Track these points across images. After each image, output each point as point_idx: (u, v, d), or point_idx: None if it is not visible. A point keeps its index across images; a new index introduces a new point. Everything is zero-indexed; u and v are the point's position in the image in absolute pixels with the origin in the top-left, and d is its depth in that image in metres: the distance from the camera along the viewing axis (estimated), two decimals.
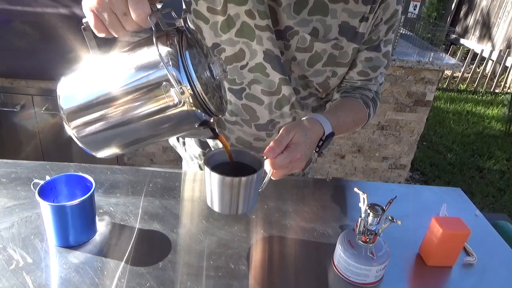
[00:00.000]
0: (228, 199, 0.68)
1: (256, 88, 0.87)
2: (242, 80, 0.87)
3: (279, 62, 0.82)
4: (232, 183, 0.65)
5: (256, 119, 0.92)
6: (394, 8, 0.82)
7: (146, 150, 2.57)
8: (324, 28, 0.79)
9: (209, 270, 0.69)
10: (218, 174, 0.64)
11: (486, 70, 5.45)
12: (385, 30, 0.85)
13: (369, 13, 0.80)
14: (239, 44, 0.82)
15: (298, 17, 0.78)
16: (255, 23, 0.78)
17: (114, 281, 0.64)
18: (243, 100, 0.89)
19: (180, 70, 0.51)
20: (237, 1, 0.77)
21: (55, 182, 0.72)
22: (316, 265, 0.73)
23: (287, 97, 0.88)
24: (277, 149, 0.68)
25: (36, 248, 0.69)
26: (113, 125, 0.57)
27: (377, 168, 2.76)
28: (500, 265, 0.78)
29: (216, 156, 0.72)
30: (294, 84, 0.87)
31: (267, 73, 0.84)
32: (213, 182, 0.66)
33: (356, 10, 0.79)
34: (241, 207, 0.69)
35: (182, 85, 0.51)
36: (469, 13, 6.99)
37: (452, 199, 0.97)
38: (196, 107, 0.54)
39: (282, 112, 0.90)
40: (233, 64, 0.85)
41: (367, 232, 0.67)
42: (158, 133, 0.60)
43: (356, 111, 0.89)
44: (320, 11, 0.78)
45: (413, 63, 2.31)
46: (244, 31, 0.80)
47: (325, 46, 0.81)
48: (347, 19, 0.79)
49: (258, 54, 0.82)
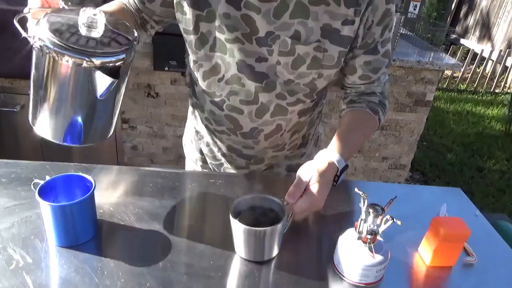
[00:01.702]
0: (254, 248, 0.70)
1: (235, 99, 0.90)
2: (221, 92, 0.90)
3: (254, 70, 0.85)
4: (256, 233, 0.68)
5: (239, 128, 0.94)
6: (384, 8, 0.80)
7: (146, 150, 2.57)
8: (306, 31, 0.79)
9: (209, 270, 0.69)
10: (243, 225, 0.67)
11: (486, 70, 5.45)
12: (380, 32, 0.84)
13: (354, 16, 0.79)
14: (214, 59, 0.85)
15: (279, 21, 0.78)
16: (225, 37, 0.81)
17: (114, 281, 0.64)
18: (225, 111, 0.92)
19: (38, 29, 0.60)
20: (207, 19, 0.81)
21: (55, 182, 0.72)
22: (316, 265, 0.73)
23: (265, 104, 0.89)
24: (297, 193, 0.74)
25: (36, 248, 0.69)
26: (54, 107, 0.66)
27: (377, 168, 2.76)
28: (500, 265, 0.78)
29: (242, 203, 0.74)
30: (279, 89, 0.88)
31: (242, 83, 0.87)
32: (239, 232, 0.69)
33: (338, 12, 0.78)
34: (267, 254, 0.72)
35: (36, 37, 0.59)
36: (469, 13, 7.00)
37: (452, 199, 0.97)
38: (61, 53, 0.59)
39: (264, 120, 0.92)
40: (211, 78, 0.89)
41: (367, 232, 0.67)
42: (80, 97, 0.65)
43: (365, 124, 0.91)
44: (301, 14, 0.78)
45: (413, 63, 2.31)
46: (216, 45, 0.83)
47: (307, 49, 0.81)
48: (329, 21, 0.79)
49: (232, 66, 0.85)
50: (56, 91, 0.64)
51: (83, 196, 0.68)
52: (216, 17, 0.79)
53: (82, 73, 0.62)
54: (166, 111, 2.42)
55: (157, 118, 2.46)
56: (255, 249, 0.70)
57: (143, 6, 0.89)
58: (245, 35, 0.81)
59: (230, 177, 1.00)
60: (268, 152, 1.01)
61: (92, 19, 0.62)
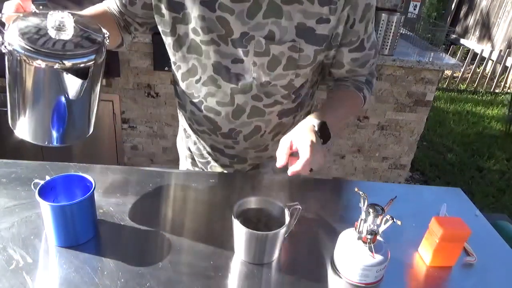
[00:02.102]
0: (254, 250, 0.70)
1: (212, 101, 0.91)
2: (199, 94, 0.91)
3: (229, 72, 0.85)
4: (258, 237, 0.68)
5: (219, 128, 0.95)
6: (364, 4, 0.80)
7: (146, 150, 2.57)
8: (280, 30, 0.79)
9: (209, 270, 0.69)
10: (246, 228, 0.67)
11: (486, 70, 5.45)
12: (363, 28, 0.84)
13: (329, 14, 0.78)
14: (191, 60, 0.87)
15: (252, 21, 0.78)
16: (200, 39, 0.82)
17: (114, 281, 0.64)
18: (204, 112, 0.93)
19: None
20: (183, 22, 0.82)
21: (55, 182, 0.72)
22: (316, 265, 0.73)
23: (242, 106, 0.90)
24: (282, 157, 0.75)
25: (36, 248, 0.69)
26: (32, 109, 0.66)
27: (377, 168, 2.76)
28: (500, 265, 0.78)
29: (244, 205, 0.74)
30: (256, 91, 0.88)
31: (218, 84, 0.88)
32: (241, 234, 0.69)
33: (312, 11, 0.77)
34: (267, 258, 0.72)
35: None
36: (469, 13, 6.99)
37: (452, 199, 0.97)
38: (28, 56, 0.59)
39: (241, 121, 0.92)
40: (189, 79, 0.90)
41: (367, 232, 0.67)
42: (51, 98, 0.66)
43: (348, 99, 0.93)
44: (274, 13, 0.77)
45: (413, 63, 2.31)
46: (193, 47, 0.85)
47: (281, 48, 0.80)
48: (303, 20, 0.78)
49: (208, 67, 0.86)
50: (29, 94, 0.65)
51: (83, 196, 0.68)
52: (191, 19, 0.81)
53: (52, 76, 0.62)
54: (166, 111, 2.42)
55: (157, 118, 2.46)
56: (256, 252, 0.70)
57: (125, 9, 0.90)
58: (220, 36, 0.81)
59: (230, 177, 1.00)
60: (250, 152, 1.01)
61: (60, 21, 0.62)
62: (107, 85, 2.32)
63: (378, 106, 2.52)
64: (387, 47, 2.30)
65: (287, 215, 0.71)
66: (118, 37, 0.92)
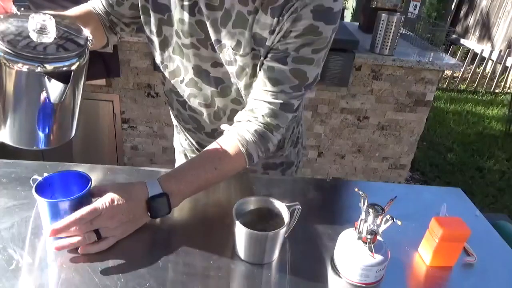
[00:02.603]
0: (254, 250, 0.70)
1: (194, 101, 0.93)
2: (183, 93, 0.93)
3: (208, 75, 0.86)
4: (258, 237, 0.68)
5: (202, 128, 0.98)
6: (309, 22, 0.72)
7: (146, 150, 2.57)
8: (244, 40, 0.78)
9: (209, 270, 0.69)
10: (246, 228, 0.67)
11: (486, 70, 5.45)
12: (296, 45, 0.75)
13: (276, 25, 0.75)
14: (176, 61, 0.88)
15: (224, 30, 0.78)
16: (181, 42, 0.84)
17: (114, 281, 0.64)
18: (188, 111, 0.96)
19: None
20: (168, 23, 0.83)
21: (52, 179, 0.72)
22: (316, 265, 0.73)
23: (222, 108, 0.92)
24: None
25: (36, 248, 0.69)
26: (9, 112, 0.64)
27: (377, 168, 2.76)
28: (500, 265, 0.78)
29: (244, 204, 0.74)
30: (234, 95, 0.89)
31: (199, 87, 0.89)
32: (241, 234, 0.69)
33: (264, 21, 0.75)
34: (267, 258, 0.72)
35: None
36: (469, 13, 6.99)
37: (452, 199, 0.97)
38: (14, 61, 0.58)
39: (222, 122, 0.93)
40: (174, 79, 0.92)
41: (367, 232, 0.67)
42: (35, 103, 0.64)
43: (220, 157, 0.78)
44: (241, 24, 0.77)
45: (413, 63, 2.31)
46: (176, 49, 0.86)
47: (245, 60, 0.80)
48: (257, 31, 0.77)
49: (189, 69, 0.87)
50: (11, 98, 0.63)
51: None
52: (174, 22, 0.82)
53: (34, 79, 0.61)
54: (166, 111, 2.42)
55: (157, 118, 2.46)
56: (256, 252, 0.70)
57: (111, 9, 0.90)
58: (200, 40, 0.82)
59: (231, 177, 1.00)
60: None
61: (42, 24, 0.61)
62: (107, 85, 2.32)
63: (378, 106, 2.52)
64: (387, 47, 2.30)
65: (287, 215, 0.71)
66: (103, 38, 0.92)
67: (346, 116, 2.54)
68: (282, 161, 1.09)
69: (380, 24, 2.29)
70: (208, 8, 0.77)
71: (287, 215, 0.71)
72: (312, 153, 2.68)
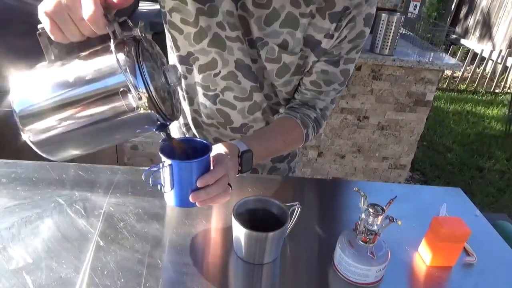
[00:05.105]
0: (254, 251, 0.70)
1: (229, 95, 0.91)
2: (216, 87, 0.91)
3: (250, 70, 0.86)
4: (257, 237, 0.68)
5: (230, 122, 0.96)
6: (360, 29, 0.81)
7: (146, 150, 2.57)
8: (293, 41, 0.81)
9: (209, 270, 0.69)
10: (245, 228, 0.67)
11: (486, 70, 5.45)
12: (348, 49, 0.84)
13: (334, 30, 0.80)
14: (211, 54, 0.85)
15: (269, 29, 0.80)
16: (225, 34, 0.82)
17: (114, 281, 0.64)
18: (218, 105, 0.94)
19: (137, 76, 0.53)
20: (208, 14, 0.79)
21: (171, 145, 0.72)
22: (316, 265, 0.73)
23: (258, 103, 0.92)
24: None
25: (36, 248, 0.69)
26: (69, 130, 0.58)
27: (377, 168, 2.76)
28: (500, 265, 0.78)
29: (244, 204, 0.74)
30: (267, 90, 0.91)
31: (239, 80, 0.88)
32: (240, 234, 0.69)
33: (322, 26, 0.80)
34: (267, 258, 0.71)
35: (139, 90, 0.53)
36: (469, 13, 6.99)
37: (452, 199, 0.97)
38: (152, 111, 0.56)
39: (255, 117, 0.95)
40: (206, 72, 0.89)
41: (367, 232, 0.67)
42: (114, 137, 0.63)
43: (288, 132, 0.89)
44: (291, 24, 0.79)
45: (413, 63, 2.31)
46: (215, 41, 0.83)
47: (293, 58, 0.83)
48: (312, 33, 0.81)
49: (230, 63, 0.86)
50: (100, 130, 0.59)
51: None
52: (218, 13, 0.79)
53: (141, 124, 0.59)
54: None
55: None
56: (256, 252, 0.70)
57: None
58: (243, 35, 0.82)
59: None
60: None
61: (178, 78, 0.60)
62: None
63: (378, 106, 2.52)
64: (387, 47, 2.30)
65: (287, 215, 0.71)
66: None
67: (346, 116, 2.54)
68: (288, 153, 1.10)
69: (380, 24, 2.29)
70: (255, 5, 0.78)
71: (287, 215, 0.71)
72: (312, 153, 2.69)
